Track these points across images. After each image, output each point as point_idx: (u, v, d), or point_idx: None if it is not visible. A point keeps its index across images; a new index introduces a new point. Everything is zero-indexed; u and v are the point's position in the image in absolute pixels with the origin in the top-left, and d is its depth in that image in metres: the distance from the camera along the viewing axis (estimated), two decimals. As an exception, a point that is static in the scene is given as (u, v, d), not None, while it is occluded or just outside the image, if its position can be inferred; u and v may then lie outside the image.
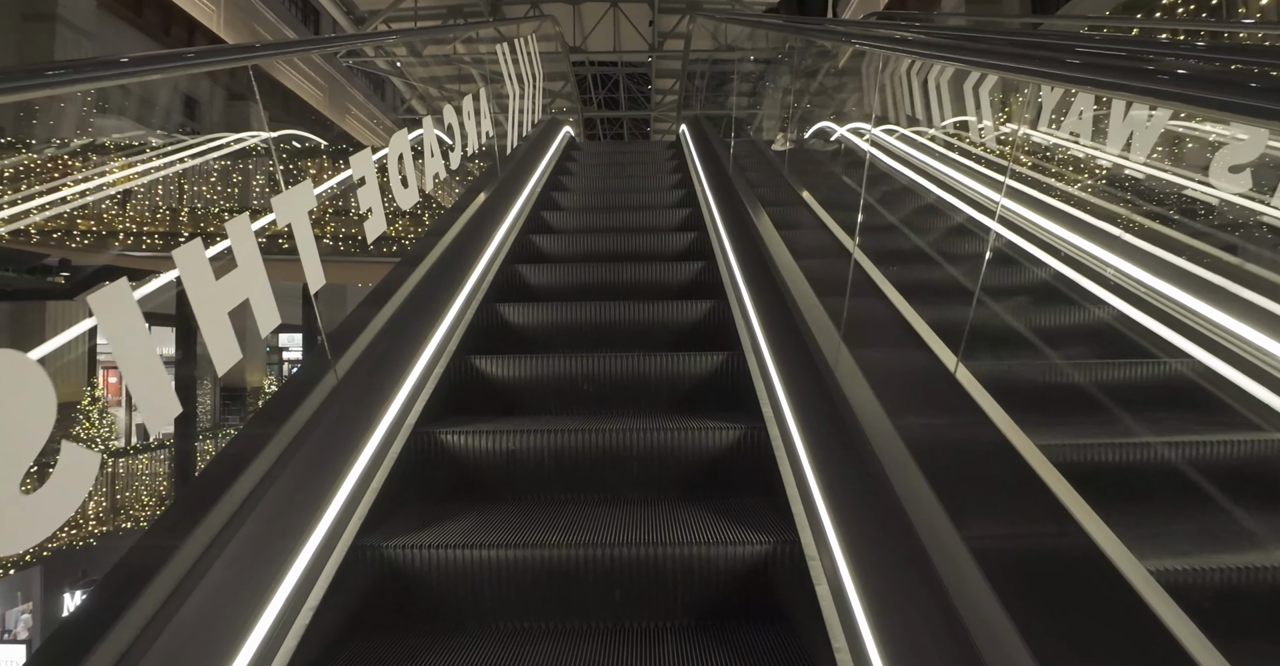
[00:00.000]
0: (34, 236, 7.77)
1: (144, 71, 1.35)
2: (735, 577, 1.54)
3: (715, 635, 1.47)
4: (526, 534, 1.56)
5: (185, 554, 1.11)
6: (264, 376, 16.39)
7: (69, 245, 8.10)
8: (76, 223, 8.02)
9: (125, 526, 8.47)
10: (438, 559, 1.47)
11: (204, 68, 1.63)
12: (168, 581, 1.06)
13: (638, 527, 1.62)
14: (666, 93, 16.26)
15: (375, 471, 1.68)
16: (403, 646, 1.40)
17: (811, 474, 1.58)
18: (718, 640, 1.45)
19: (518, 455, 1.86)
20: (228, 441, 1.45)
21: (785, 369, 1.96)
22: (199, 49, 1.52)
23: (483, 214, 3.32)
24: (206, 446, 10.51)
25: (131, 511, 8.71)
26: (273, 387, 16.44)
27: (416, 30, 11.93)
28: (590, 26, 12.82)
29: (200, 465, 9.45)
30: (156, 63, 1.37)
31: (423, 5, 11.82)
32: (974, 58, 1.73)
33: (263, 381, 16.11)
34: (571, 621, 1.51)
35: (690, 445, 1.91)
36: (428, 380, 2.14)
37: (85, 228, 8.06)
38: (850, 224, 2.09)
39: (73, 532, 7.81)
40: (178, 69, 1.47)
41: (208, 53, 1.69)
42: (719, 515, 1.70)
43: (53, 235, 8.00)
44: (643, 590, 1.52)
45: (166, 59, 1.44)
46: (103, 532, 8.24)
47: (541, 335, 2.71)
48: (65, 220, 7.95)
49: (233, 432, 12.10)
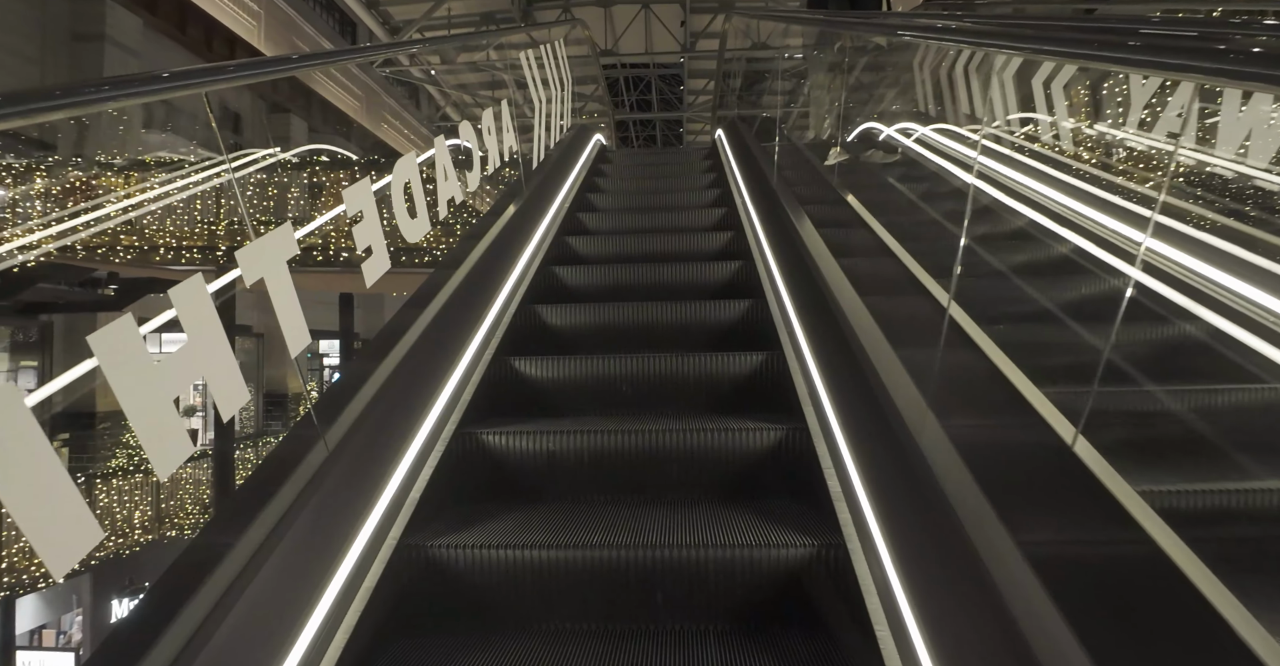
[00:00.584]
0: (80, 252, 8.19)
1: (178, 87, 1.34)
2: (777, 581, 1.54)
3: (758, 639, 1.47)
4: (568, 534, 1.58)
5: (241, 550, 1.16)
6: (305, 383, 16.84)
7: (113, 260, 8.50)
8: (120, 238, 8.42)
9: (170, 535, 8.70)
10: (481, 558, 1.51)
11: (239, 82, 1.63)
12: (226, 575, 1.11)
13: (678, 529, 1.62)
14: (699, 93, 16.26)
15: (419, 471, 1.73)
16: (447, 644, 1.44)
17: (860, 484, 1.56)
18: (760, 644, 1.44)
19: (558, 456, 1.89)
20: (280, 441, 1.49)
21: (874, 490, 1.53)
22: (237, 63, 1.53)
23: (503, 241, 3.00)
24: (247, 455, 10.87)
25: (176, 519, 8.96)
26: (313, 392, 16.93)
27: (444, 38, 12.19)
28: (622, 28, 12.90)
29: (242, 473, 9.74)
30: (191, 77, 1.39)
31: (456, 13, 12.06)
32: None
33: (300, 387, 16.61)
34: (613, 622, 1.53)
35: (730, 446, 1.90)
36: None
37: (128, 243, 8.44)
38: (930, 249, 1.88)
39: (119, 541, 8.04)
40: (215, 83, 1.48)
41: (246, 65, 1.71)
42: (760, 517, 1.70)
43: (97, 250, 8.41)
44: (684, 592, 1.53)
45: (203, 73, 1.44)
46: (148, 541, 8.46)
47: (563, 398, 2.36)
48: (109, 235, 8.37)
49: (271, 442, 12.49)
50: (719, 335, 2.70)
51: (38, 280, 8.90)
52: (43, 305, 9.95)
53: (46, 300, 9.78)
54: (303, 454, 1.37)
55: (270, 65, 1.67)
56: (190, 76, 1.37)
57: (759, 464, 1.92)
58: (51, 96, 1.00)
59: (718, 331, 2.71)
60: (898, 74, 4.12)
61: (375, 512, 1.48)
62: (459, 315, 2.32)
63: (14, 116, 0.91)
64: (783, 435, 1.91)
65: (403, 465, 1.64)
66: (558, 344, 2.70)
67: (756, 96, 13.00)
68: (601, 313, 2.79)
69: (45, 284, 9.21)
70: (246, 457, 11.08)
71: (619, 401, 2.28)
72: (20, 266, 8.01)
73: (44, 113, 1.01)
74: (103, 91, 1.10)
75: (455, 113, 17.93)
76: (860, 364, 1.66)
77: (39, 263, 8.18)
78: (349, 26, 15.92)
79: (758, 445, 1.91)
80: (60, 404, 8.61)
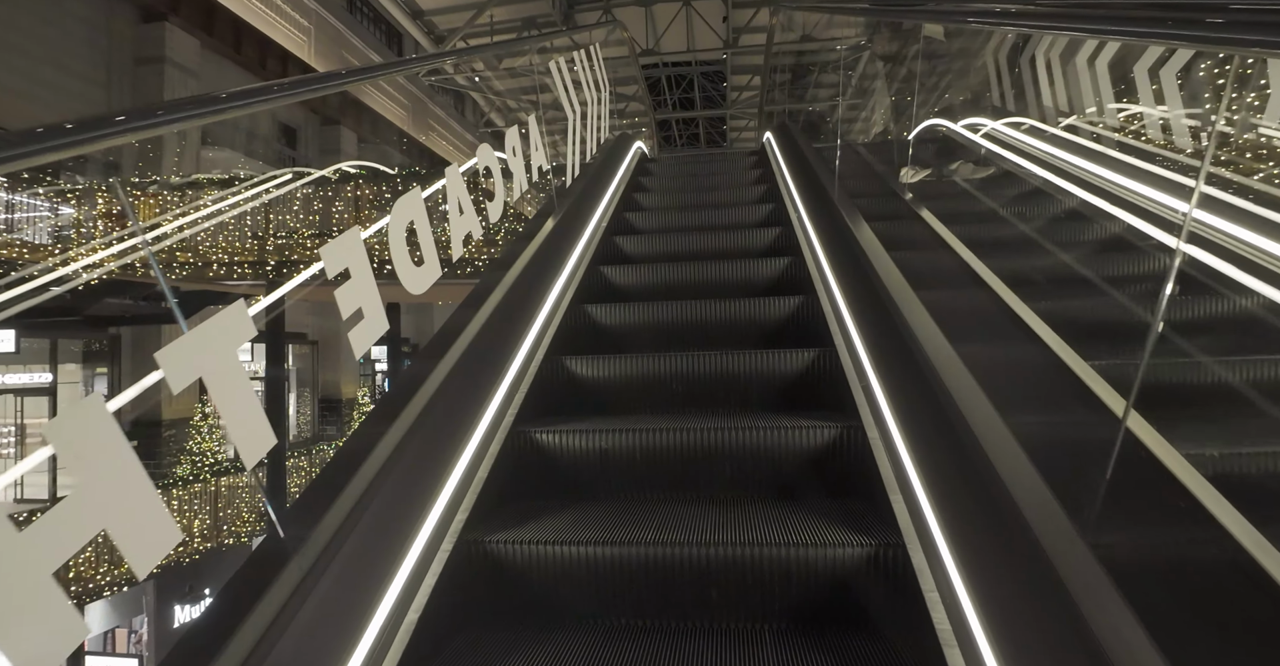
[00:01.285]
0: (140, 269, 8.71)
1: (234, 107, 1.32)
2: (835, 581, 1.54)
3: (815, 639, 1.47)
4: (622, 531, 1.62)
5: (312, 544, 1.23)
6: (357, 388, 17.48)
7: (170, 276, 9.01)
8: (176, 254, 8.94)
9: (228, 542, 9.00)
10: (537, 554, 1.55)
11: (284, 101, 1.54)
12: (300, 566, 1.18)
13: (733, 527, 1.64)
14: (743, 89, 16.18)
15: (477, 468, 1.80)
16: (504, 639, 1.49)
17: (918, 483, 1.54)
18: (818, 644, 1.45)
19: (610, 454, 1.92)
20: (347, 439, 1.56)
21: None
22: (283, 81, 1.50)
23: (531, 274, 2.67)
24: (300, 462, 11.28)
25: (233, 527, 9.28)
26: (365, 398, 17.52)
27: (478, 48, 12.48)
28: (663, 27, 12.95)
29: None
30: (245, 97, 1.37)
31: (498, 19, 12.32)
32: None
33: (356, 393, 17.23)
34: (668, 620, 1.56)
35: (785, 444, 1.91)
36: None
37: (184, 259, 8.94)
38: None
39: (179, 550, 8.43)
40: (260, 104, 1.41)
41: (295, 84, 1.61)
42: (816, 515, 1.70)
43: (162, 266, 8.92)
44: (739, 591, 1.55)
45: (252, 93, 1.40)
46: (206, 550, 8.76)
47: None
48: (167, 252, 8.90)
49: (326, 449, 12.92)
50: (779, 390, 2.34)
51: (104, 295, 9.47)
52: (111, 318, 10.63)
53: (115, 313, 10.45)
54: (366, 452, 1.44)
55: (320, 82, 1.64)
56: (248, 96, 1.39)
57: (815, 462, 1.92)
58: (110, 123, 1.04)
59: (778, 386, 2.34)
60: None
61: (436, 508, 1.54)
62: (465, 385, 1.94)
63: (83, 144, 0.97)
64: (837, 433, 1.90)
65: (461, 462, 1.70)
66: (592, 406, 2.40)
67: (808, 95, 12.71)
68: (639, 365, 2.43)
69: (112, 299, 9.82)
70: (299, 465, 11.52)
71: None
72: (86, 283, 8.57)
73: (101, 140, 1.03)
74: (156, 116, 1.13)
75: (499, 118, 18.28)
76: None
77: (103, 279, 8.71)
78: (395, 37, 16.43)
79: (812, 443, 1.91)
80: (130, 413, 9.13)
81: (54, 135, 0.93)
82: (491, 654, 1.44)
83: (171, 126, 1.18)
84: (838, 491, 1.88)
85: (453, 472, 1.65)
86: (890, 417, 1.77)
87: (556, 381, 2.40)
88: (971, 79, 3.88)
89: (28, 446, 10.83)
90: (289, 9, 13.25)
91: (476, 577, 1.59)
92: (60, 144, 0.94)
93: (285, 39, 13.37)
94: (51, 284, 6.86)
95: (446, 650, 1.45)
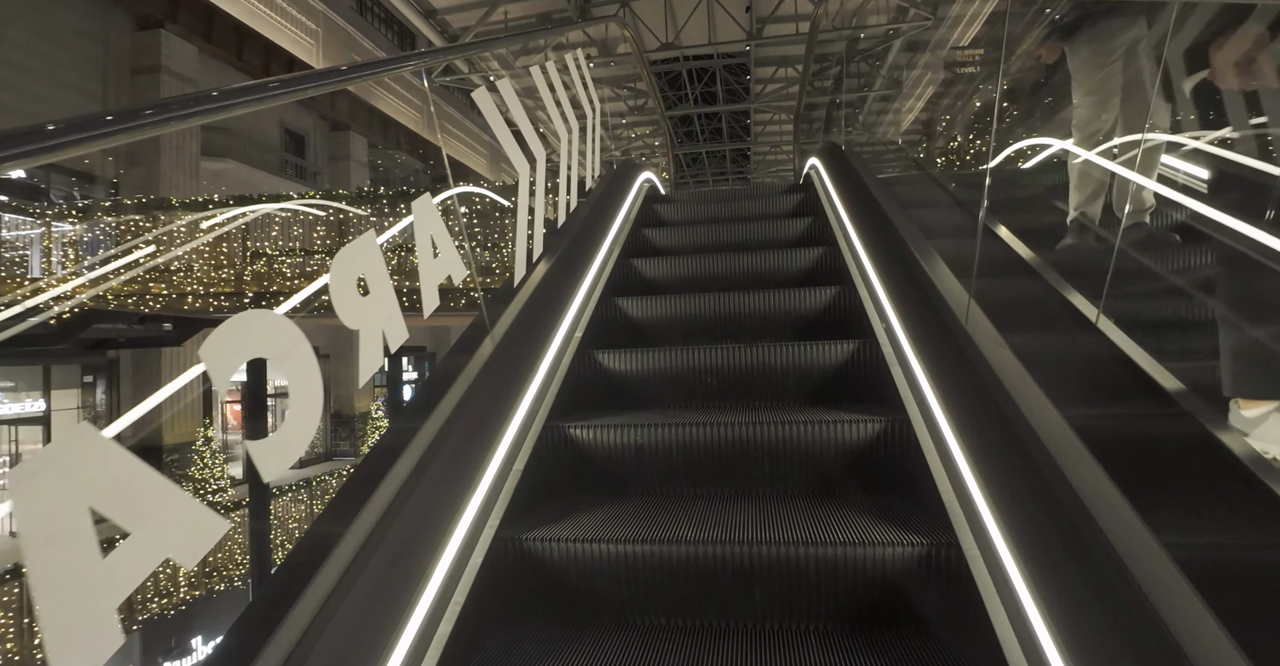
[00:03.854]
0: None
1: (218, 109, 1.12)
2: (885, 581, 1.56)
3: (864, 641, 1.49)
4: (660, 529, 1.67)
5: (351, 539, 1.29)
6: (371, 401, 17.74)
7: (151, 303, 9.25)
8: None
9: (219, 588, 8.24)
10: (574, 552, 1.61)
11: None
12: (341, 560, 1.24)
13: (774, 525, 1.67)
14: (767, 82, 16.21)
15: (512, 463, 1.86)
16: (543, 637, 1.55)
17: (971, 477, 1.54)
18: (866, 646, 1.47)
19: (645, 449, 1.97)
20: (383, 436, 1.61)
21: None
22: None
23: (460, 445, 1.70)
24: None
25: (225, 571, 8.55)
26: (379, 412, 17.77)
27: (461, 47, 12.61)
28: (683, 19, 13.04)
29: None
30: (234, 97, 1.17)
31: (513, 16, 12.50)
32: None
33: (370, 407, 17.47)
34: (709, 619, 1.59)
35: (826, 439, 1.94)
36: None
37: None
38: None
39: (163, 602, 7.77)
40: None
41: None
42: (860, 513, 1.72)
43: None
44: (783, 590, 1.58)
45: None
46: (194, 598, 8.05)
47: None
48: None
49: (345, 467, 12.99)
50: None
51: (92, 320, 9.68)
52: (107, 342, 10.95)
53: (110, 337, 10.77)
54: (402, 448, 1.50)
55: (320, 78, 1.44)
56: (246, 93, 1.20)
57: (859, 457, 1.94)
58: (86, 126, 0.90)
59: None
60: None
61: (472, 504, 1.60)
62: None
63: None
64: (882, 427, 1.93)
65: (496, 458, 1.76)
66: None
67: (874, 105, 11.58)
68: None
69: (104, 324, 10.09)
70: (299, 499, 11.52)
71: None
72: (71, 309, 8.86)
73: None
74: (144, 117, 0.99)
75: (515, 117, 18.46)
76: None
77: (88, 305, 9.00)
78: (408, 38, 16.75)
79: (856, 438, 1.94)
80: (131, 438, 9.28)
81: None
82: (528, 653, 1.49)
83: (160, 129, 1.05)
84: (883, 486, 1.90)
85: (488, 469, 1.71)
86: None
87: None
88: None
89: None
90: (295, 12, 13.52)
91: (513, 575, 1.65)
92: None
93: (291, 43, 13.64)
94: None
95: (484, 648, 1.50)
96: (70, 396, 11.46)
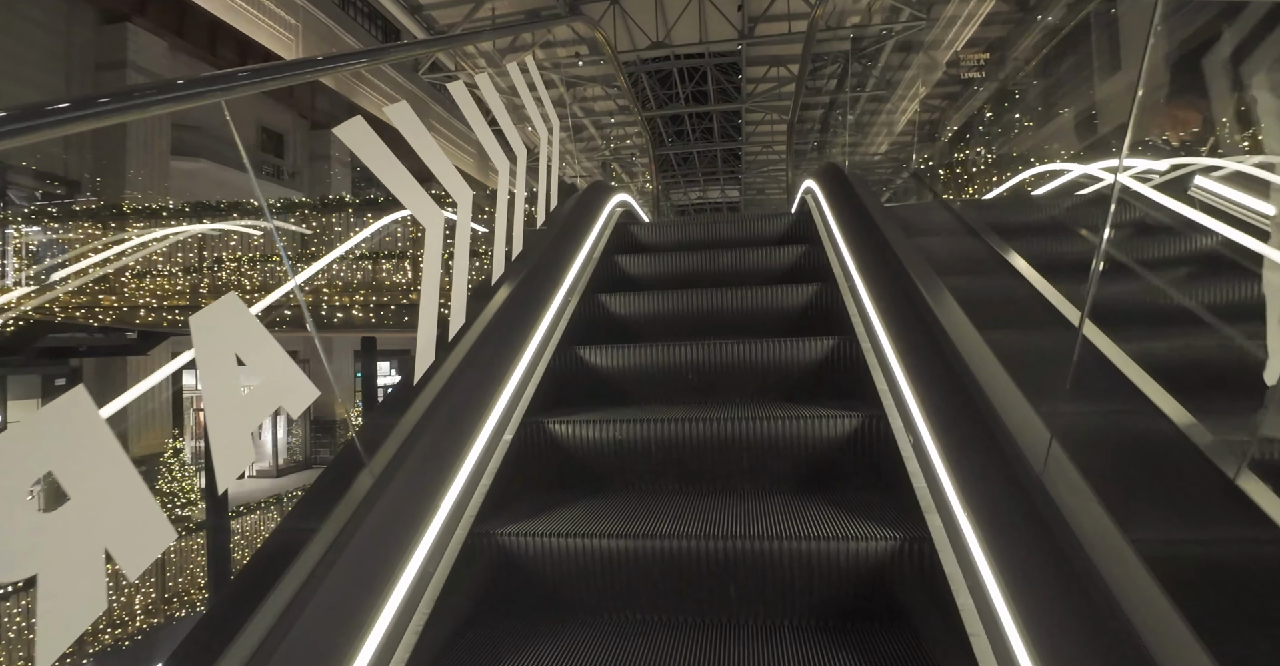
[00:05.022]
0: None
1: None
2: (859, 576, 1.60)
3: (837, 636, 1.54)
4: (637, 524, 1.71)
5: (323, 536, 1.31)
6: (351, 407, 17.68)
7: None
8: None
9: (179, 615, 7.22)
10: (550, 547, 1.65)
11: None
12: (311, 556, 1.27)
13: (751, 520, 1.72)
14: (759, 82, 16.34)
15: (489, 459, 1.89)
16: (517, 633, 1.58)
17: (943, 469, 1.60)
18: (840, 642, 1.51)
19: (625, 445, 2.02)
20: (348, 445, 1.62)
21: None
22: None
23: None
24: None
25: (188, 596, 7.67)
26: (356, 417, 17.68)
27: (428, 42, 12.46)
28: (674, 17, 13.13)
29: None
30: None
31: (500, 12, 12.55)
32: None
33: (350, 413, 17.39)
34: (684, 614, 1.64)
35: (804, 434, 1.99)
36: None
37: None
38: None
39: (116, 632, 7.43)
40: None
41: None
42: (837, 508, 1.77)
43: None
44: (758, 585, 1.62)
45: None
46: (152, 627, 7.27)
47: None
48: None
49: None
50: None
51: (50, 330, 9.58)
52: (70, 350, 10.88)
53: (71, 346, 10.70)
54: (378, 443, 1.54)
55: (291, 69, 1.55)
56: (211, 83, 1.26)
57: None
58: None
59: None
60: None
61: (447, 500, 1.64)
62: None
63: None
64: (859, 422, 1.98)
65: (473, 451, 1.81)
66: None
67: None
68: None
69: (64, 333, 9.97)
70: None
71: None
72: (24, 318, 8.78)
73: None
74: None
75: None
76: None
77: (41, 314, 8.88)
78: (393, 34, 16.72)
79: (833, 433, 1.99)
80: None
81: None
82: (502, 648, 1.52)
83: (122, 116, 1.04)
84: (861, 482, 1.96)
85: (464, 464, 1.75)
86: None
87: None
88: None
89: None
90: (273, 6, 13.33)
91: (488, 570, 1.69)
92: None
93: (269, 38, 13.46)
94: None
95: (458, 645, 1.54)
96: (30, 407, 11.32)
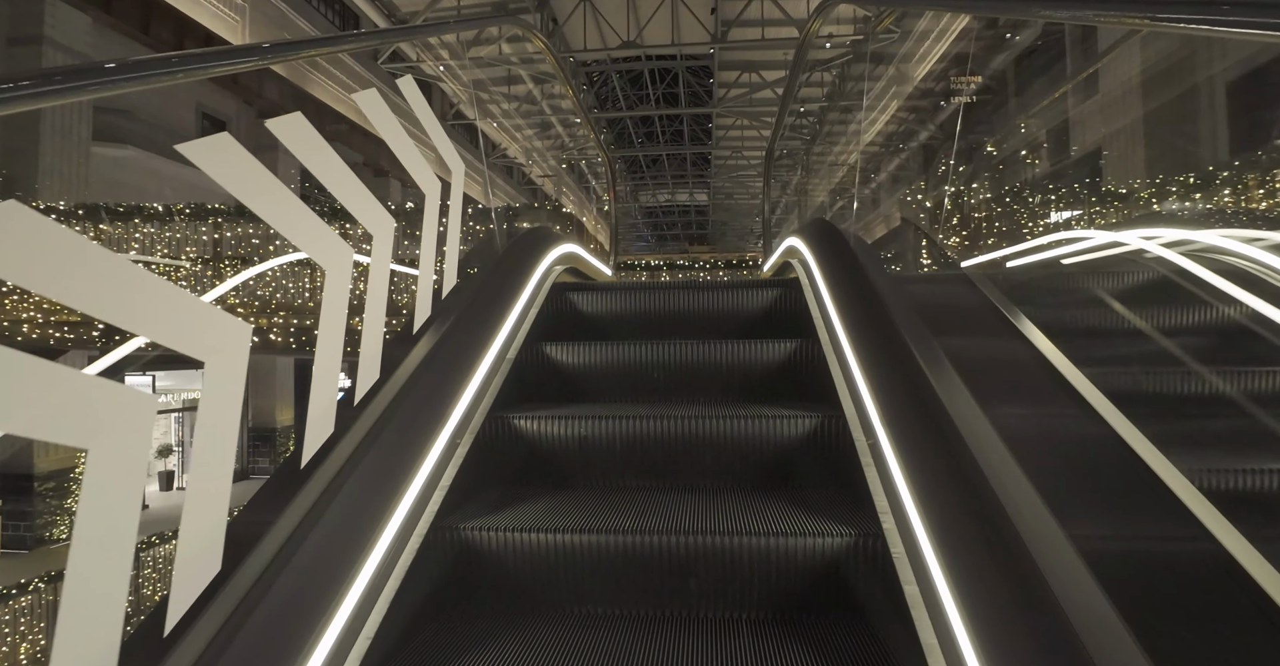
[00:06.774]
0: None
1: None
2: (814, 571, 1.72)
3: (792, 629, 1.65)
4: (600, 519, 1.80)
5: (280, 528, 1.35)
6: (293, 412, 17.35)
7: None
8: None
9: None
10: (513, 541, 1.73)
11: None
12: (267, 551, 1.30)
13: (712, 516, 1.82)
14: (730, 87, 16.64)
15: (452, 454, 1.96)
16: (478, 627, 1.65)
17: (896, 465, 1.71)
18: (795, 634, 1.62)
19: (589, 441, 2.11)
20: (311, 429, 1.64)
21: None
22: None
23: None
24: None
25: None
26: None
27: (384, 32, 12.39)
28: (646, 17, 13.33)
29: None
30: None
31: (466, 3, 12.58)
32: None
33: (292, 419, 17.07)
34: (645, 608, 1.73)
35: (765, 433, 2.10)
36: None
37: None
38: None
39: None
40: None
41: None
42: (796, 505, 1.89)
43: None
44: (718, 580, 1.72)
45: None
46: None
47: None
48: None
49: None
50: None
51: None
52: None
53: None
54: (337, 439, 1.59)
55: (236, 56, 1.48)
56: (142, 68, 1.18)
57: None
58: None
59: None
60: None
61: (409, 493, 1.70)
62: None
63: None
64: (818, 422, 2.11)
65: (436, 446, 1.87)
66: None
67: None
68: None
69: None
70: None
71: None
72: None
73: None
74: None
75: (470, 111, 18.48)
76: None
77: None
78: (351, 20, 16.55)
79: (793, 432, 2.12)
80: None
81: None
82: (462, 643, 1.59)
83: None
84: (820, 480, 2.08)
85: (427, 457, 1.81)
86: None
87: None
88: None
89: None
90: (217, -16, 12.87)
91: (450, 565, 1.76)
92: None
93: (212, 18, 12.82)
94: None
95: (416, 639, 1.60)
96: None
